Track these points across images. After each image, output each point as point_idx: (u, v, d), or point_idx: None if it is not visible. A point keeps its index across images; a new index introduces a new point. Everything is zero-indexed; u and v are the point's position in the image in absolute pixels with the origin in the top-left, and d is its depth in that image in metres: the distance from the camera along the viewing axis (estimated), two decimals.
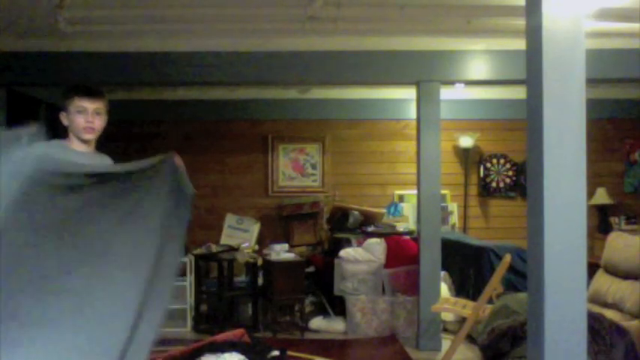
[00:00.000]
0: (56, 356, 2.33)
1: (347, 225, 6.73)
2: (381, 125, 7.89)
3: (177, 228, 2.86)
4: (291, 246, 6.91)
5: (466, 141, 7.79)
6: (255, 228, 7.15)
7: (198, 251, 6.45)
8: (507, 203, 8.04)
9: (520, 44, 2.83)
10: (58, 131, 3.00)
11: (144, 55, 5.11)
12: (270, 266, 6.10)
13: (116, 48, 5.02)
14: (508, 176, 8.01)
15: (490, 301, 4.70)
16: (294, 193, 7.65)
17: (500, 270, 4.56)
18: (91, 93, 2.93)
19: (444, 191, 6.99)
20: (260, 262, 6.31)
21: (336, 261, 6.19)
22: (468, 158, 7.92)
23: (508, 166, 8.01)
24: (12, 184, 2.23)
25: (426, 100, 5.42)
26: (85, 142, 2.92)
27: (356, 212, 6.84)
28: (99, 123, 2.93)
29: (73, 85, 3.00)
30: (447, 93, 5.86)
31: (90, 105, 2.90)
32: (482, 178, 8.02)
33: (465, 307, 4.80)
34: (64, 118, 2.94)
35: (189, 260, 6.41)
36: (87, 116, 2.89)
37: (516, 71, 4.91)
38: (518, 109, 4.21)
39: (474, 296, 5.48)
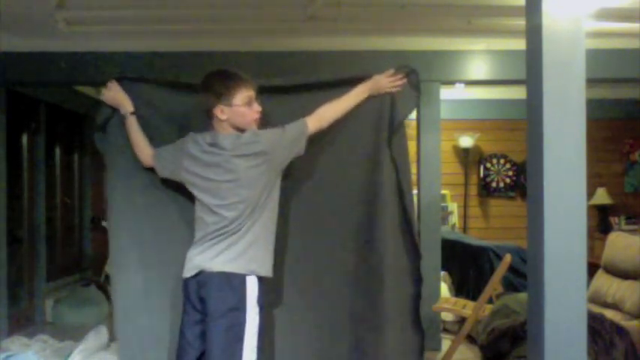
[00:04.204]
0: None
1: None
2: None
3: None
4: None
5: (466, 141, 7.80)
6: None
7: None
8: (507, 203, 8.05)
9: (520, 44, 2.83)
10: (58, 131, 2.98)
11: (144, 55, 5.10)
12: None
13: (116, 48, 5.02)
14: (508, 176, 8.02)
15: (490, 301, 4.71)
16: None
17: (500, 270, 4.56)
18: (250, 80, 2.71)
19: (444, 191, 6.99)
20: None
21: None
22: (468, 158, 7.92)
23: (508, 166, 8.02)
24: None
25: (426, 100, 5.41)
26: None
27: None
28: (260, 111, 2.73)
29: (227, 75, 2.72)
30: (447, 93, 5.86)
31: (254, 93, 2.70)
32: (483, 178, 8.03)
33: (465, 307, 4.80)
34: (222, 113, 2.65)
35: None
36: (255, 106, 2.68)
37: (516, 71, 4.91)
38: (518, 109, 4.22)
39: (474, 296, 5.48)
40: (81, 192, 7.46)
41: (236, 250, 2.60)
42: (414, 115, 5.72)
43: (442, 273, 5.81)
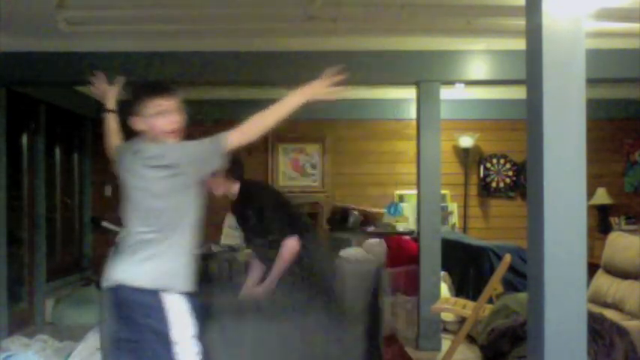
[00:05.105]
0: None
1: (347, 225, 6.72)
2: (381, 125, 7.89)
3: None
4: None
5: (466, 141, 7.79)
6: None
7: (197, 251, 6.44)
8: (507, 203, 8.04)
9: (520, 44, 2.83)
10: (57, 131, 2.98)
11: (144, 55, 5.11)
12: None
13: (116, 48, 5.02)
14: (508, 176, 8.01)
15: (490, 301, 4.70)
16: (294, 193, 7.64)
17: (500, 270, 4.56)
18: (166, 89, 2.63)
19: (444, 191, 6.99)
20: None
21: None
22: (468, 158, 7.92)
23: (508, 166, 8.01)
24: None
25: (426, 100, 5.41)
26: None
27: (356, 212, 6.84)
28: (181, 121, 2.63)
29: (142, 85, 2.71)
30: (447, 93, 5.86)
31: (169, 103, 2.59)
32: (483, 178, 8.02)
33: (465, 307, 4.80)
34: (139, 124, 2.60)
35: None
36: (169, 116, 2.58)
37: (516, 71, 4.90)
38: (518, 109, 4.20)
39: (474, 296, 5.48)
40: (81, 192, 7.46)
41: (151, 265, 2.52)
42: (414, 114, 5.72)
43: (442, 273, 5.81)
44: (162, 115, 2.57)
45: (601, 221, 7.86)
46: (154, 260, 2.53)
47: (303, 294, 3.24)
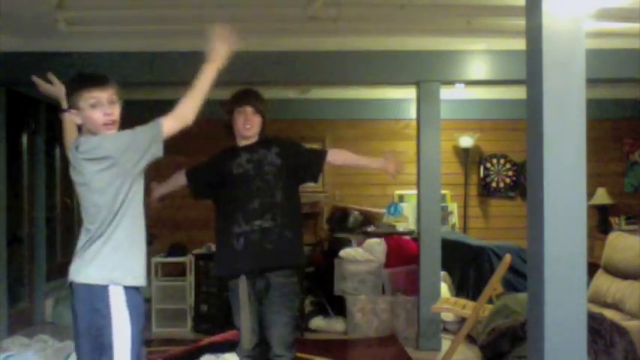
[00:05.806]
0: None
1: (347, 225, 6.72)
2: (381, 125, 7.89)
3: None
4: None
5: (466, 141, 7.80)
6: None
7: (198, 251, 6.45)
8: (507, 203, 8.05)
9: (520, 44, 2.83)
10: (57, 131, 2.93)
11: (144, 55, 5.10)
12: None
13: (116, 48, 5.02)
14: (508, 176, 8.02)
15: (490, 301, 4.71)
16: None
17: (500, 270, 4.57)
18: (100, 81, 2.59)
19: (444, 191, 6.99)
20: None
21: (336, 261, 6.19)
22: (468, 158, 7.92)
23: (508, 166, 8.02)
24: None
25: (426, 100, 5.41)
26: None
27: (356, 212, 6.84)
28: (117, 113, 2.59)
29: (75, 77, 2.68)
30: (447, 93, 5.86)
31: (103, 94, 2.54)
32: (483, 178, 8.03)
33: (465, 307, 4.80)
34: (75, 117, 2.57)
35: (189, 260, 6.41)
36: (104, 108, 2.54)
37: (516, 71, 4.91)
38: (519, 109, 4.21)
39: (474, 296, 5.48)
40: None
41: (98, 259, 2.51)
42: (414, 114, 5.72)
43: (442, 273, 5.81)
44: (97, 107, 2.53)
45: (601, 221, 7.87)
46: (101, 256, 2.51)
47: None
